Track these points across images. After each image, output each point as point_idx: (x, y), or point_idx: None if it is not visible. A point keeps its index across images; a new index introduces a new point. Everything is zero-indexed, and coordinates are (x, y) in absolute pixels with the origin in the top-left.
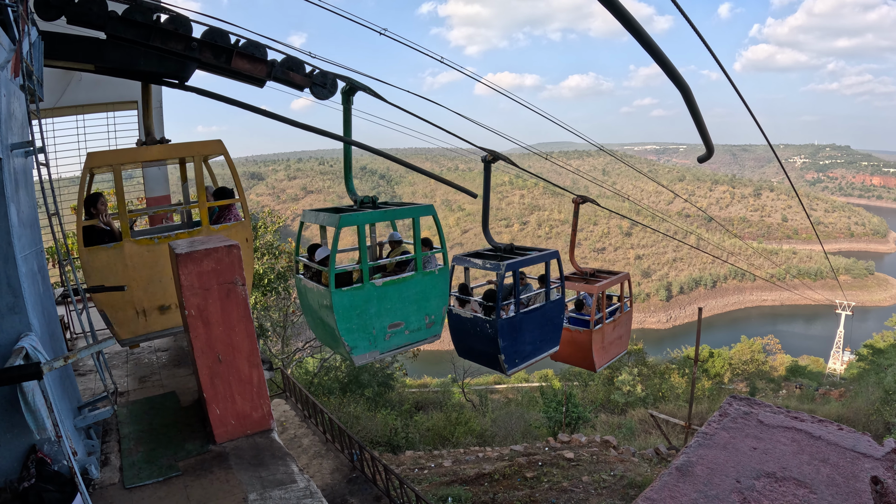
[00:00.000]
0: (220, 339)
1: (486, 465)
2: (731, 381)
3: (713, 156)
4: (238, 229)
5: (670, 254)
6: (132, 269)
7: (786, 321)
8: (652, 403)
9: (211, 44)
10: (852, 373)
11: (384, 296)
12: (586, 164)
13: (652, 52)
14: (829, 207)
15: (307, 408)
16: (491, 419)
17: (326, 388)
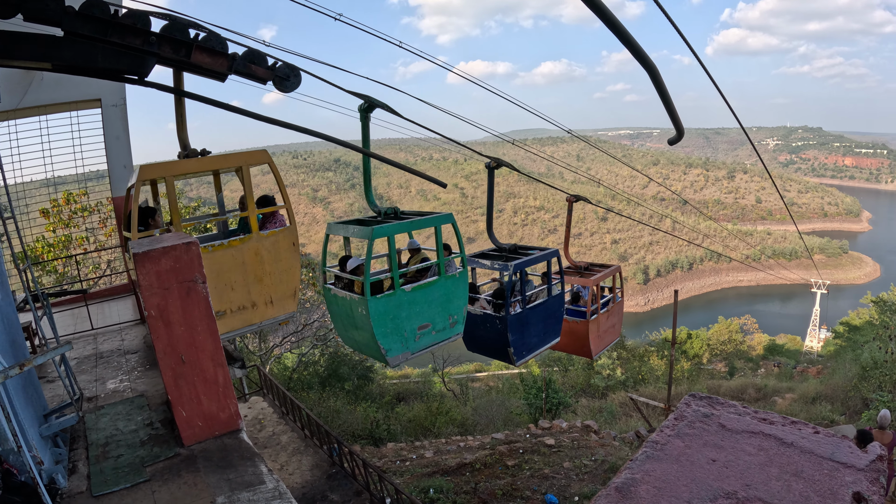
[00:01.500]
0: (182, 339)
1: (468, 454)
2: (709, 362)
3: (686, 139)
4: (286, 234)
5: (646, 237)
6: None
7: (762, 301)
8: (632, 386)
9: (170, 38)
10: (829, 350)
11: (413, 300)
12: (560, 151)
13: (618, 33)
14: (802, 188)
15: (285, 404)
16: (472, 408)
17: (306, 383)
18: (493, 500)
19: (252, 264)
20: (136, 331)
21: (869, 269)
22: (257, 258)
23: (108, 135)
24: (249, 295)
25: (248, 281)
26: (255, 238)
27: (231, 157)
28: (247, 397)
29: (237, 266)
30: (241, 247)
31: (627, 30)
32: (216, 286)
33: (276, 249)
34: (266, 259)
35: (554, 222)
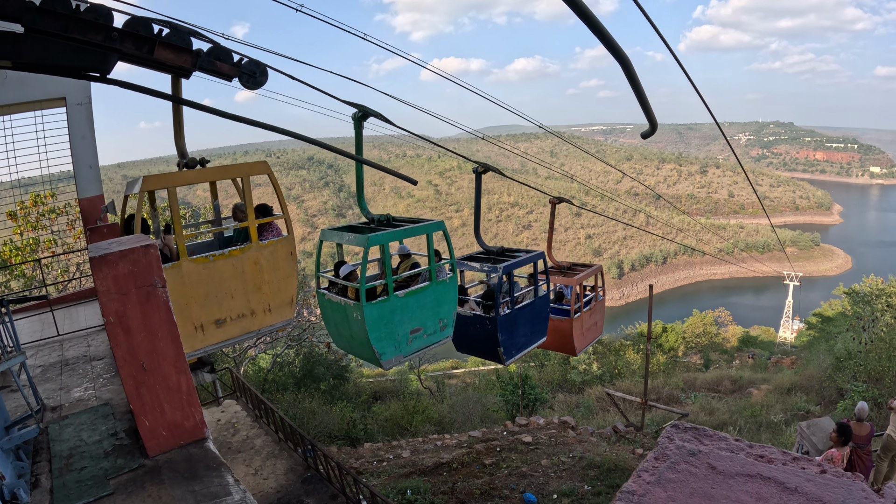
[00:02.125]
0: (142, 346)
1: (445, 453)
2: (685, 355)
3: (659, 134)
4: (284, 244)
5: (620, 232)
6: (190, 286)
7: (736, 293)
8: (608, 381)
9: (133, 34)
10: (803, 341)
11: (406, 305)
12: (534, 147)
13: (592, 26)
14: (774, 182)
15: (258, 407)
16: (449, 405)
17: (281, 384)
18: (471, 499)
19: (251, 273)
20: (103, 336)
21: (840, 261)
22: (256, 267)
23: (74, 134)
24: (249, 303)
25: (248, 289)
26: (254, 248)
27: (232, 168)
28: (220, 401)
29: (237, 275)
30: (241, 256)
31: (601, 22)
32: (217, 294)
33: (275, 259)
34: (265, 268)
35: (528, 218)
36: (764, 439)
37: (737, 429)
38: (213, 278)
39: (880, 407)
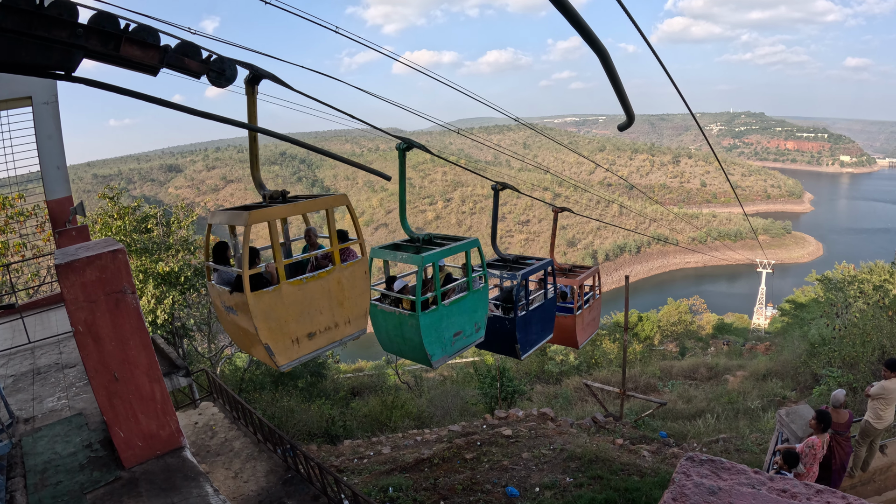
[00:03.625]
0: (113, 355)
1: (425, 449)
2: (661, 343)
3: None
4: (359, 265)
5: (594, 222)
6: (288, 305)
7: (710, 281)
8: (586, 371)
9: (98, 30)
10: (776, 327)
11: (450, 313)
12: (507, 139)
13: (569, 16)
14: (745, 172)
15: (236, 409)
16: (427, 399)
17: (258, 384)
18: (454, 495)
19: (335, 291)
20: (75, 342)
21: (812, 248)
22: (339, 286)
23: (41, 134)
24: (333, 317)
25: (333, 305)
26: (338, 269)
27: (320, 201)
28: (197, 403)
29: (324, 293)
30: (328, 277)
31: (580, 14)
32: (309, 311)
33: (353, 277)
34: (345, 286)
35: (501, 210)
36: (742, 426)
37: (714, 416)
38: (306, 297)
39: (856, 392)
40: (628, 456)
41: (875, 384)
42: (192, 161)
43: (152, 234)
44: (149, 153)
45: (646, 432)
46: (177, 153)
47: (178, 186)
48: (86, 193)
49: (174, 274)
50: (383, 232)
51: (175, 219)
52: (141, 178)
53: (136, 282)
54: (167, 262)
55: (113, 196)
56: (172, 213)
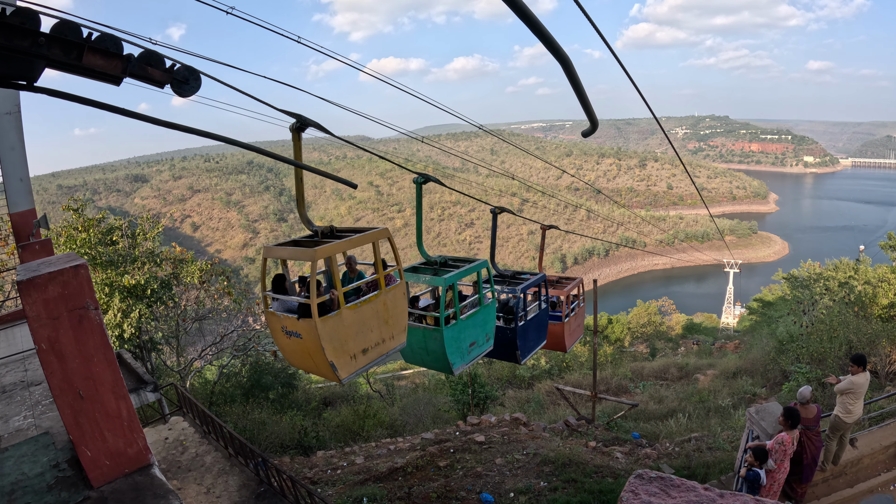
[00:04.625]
0: (78, 372)
1: (399, 457)
2: (631, 345)
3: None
4: (399, 287)
5: (563, 226)
6: (347, 327)
7: (678, 282)
8: (557, 374)
9: (61, 39)
10: (745, 325)
11: (467, 326)
12: (475, 145)
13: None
14: (711, 174)
15: (206, 423)
16: (399, 408)
17: (229, 396)
18: (428, 503)
19: (382, 311)
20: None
21: (778, 247)
22: (385, 307)
23: (3, 146)
24: (381, 333)
25: (380, 324)
26: (384, 293)
27: (367, 236)
28: (166, 418)
29: (374, 314)
30: (377, 300)
31: (541, 22)
32: (362, 330)
33: (395, 299)
34: (390, 307)
35: (470, 216)
36: (713, 424)
37: (686, 415)
38: (360, 319)
39: (825, 387)
40: (601, 458)
41: (842, 378)
42: (159, 171)
43: (118, 246)
44: (114, 163)
45: (618, 434)
46: (142, 163)
47: (145, 197)
48: (50, 205)
49: (140, 287)
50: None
51: (140, 230)
52: (106, 189)
53: (102, 295)
54: (133, 274)
55: (77, 208)
56: (138, 225)
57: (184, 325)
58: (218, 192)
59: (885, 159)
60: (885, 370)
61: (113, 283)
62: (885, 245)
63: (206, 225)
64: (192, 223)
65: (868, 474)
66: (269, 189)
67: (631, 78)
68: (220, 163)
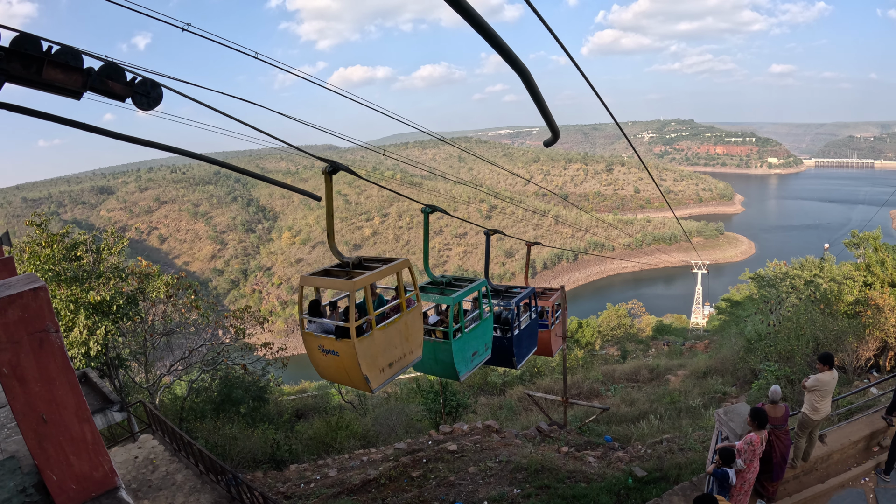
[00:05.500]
0: (40, 396)
1: (372, 469)
2: (602, 348)
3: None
4: (417, 308)
5: (531, 232)
6: (378, 345)
7: (647, 285)
8: (529, 380)
9: (20, 53)
10: (714, 325)
11: (470, 338)
12: (442, 152)
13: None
14: (677, 177)
15: (175, 440)
16: (372, 418)
17: (199, 412)
18: None
19: (404, 330)
20: None
21: (745, 247)
22: (406, 326)
23: None
24: (402, 349)
25: (402, 341)
26: (405, 314)
27: (394, 266)
28: (136, 437)
29: (398, 333)
30: (400, 321)
31: (500, 36)
32: (389, 347)
33: (414, 319)
34: (409, 325)
35: (439, 223)
36: (685, 424)
37: (658, 416)
38: (388, 337)
39: (793, 384)
40: (574, 463)
41: (811, 377)
42: (125, 182)
43: (82, 261)
44: (80, 174)
45: (591, 438)
46: (108, 174)
47: (111, 209)
48: (15, 218)
49: (106, 303)
50: (321, 250)
51: (105, 245)
52: (72, 201)
53: (67, 312)
54: (98, 290)
55: (41, 223)
56: (103, 240)
57: (151, 340)
58: (185, 204)
59: (848, 159)
60: (852, 366)
61: (78, 300)
62: (848, 243)
63: (173, 237)
64: (159, 235)
65: (839, 469)
66: (236, 200)
67: (592, 86)
68: (187, 173)
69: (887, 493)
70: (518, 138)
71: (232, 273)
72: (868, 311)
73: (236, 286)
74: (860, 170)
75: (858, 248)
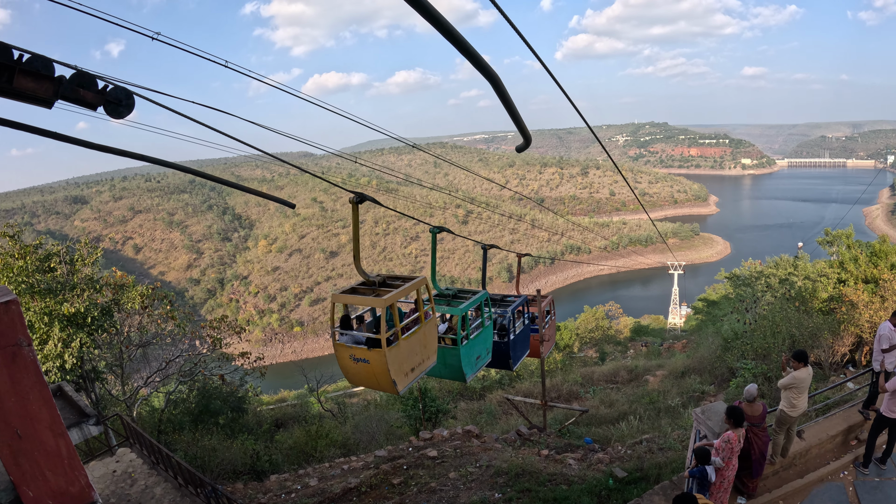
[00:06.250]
0: (14, 411)
1: (352, 477)
2: (580, 350)
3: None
4: (433, 320)
5: (508, 237)
6: (403, 353)
7: (624, 286)
8: (508, 384)
9: None
10: (691, 325)
11: (474, 343)
12: (418, 158)
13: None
14: (652, 179)
15: (154, 453)
16: (352, 426)
17: (177, 424)
18: None
19: (422, 338)
20: None
21: (720, 247)
22: (424, 336)
23: None
24: (421, 356)
25: (421, 348)
26: (423, 325)
27: (415, 284)
28: (113, 450)
29: (418, 341)
30: (420, 331)
31: (469, 42)
32: (412, 354)
33: (430, 328)
34: (426, 335)
35: (415, 230)
36: (664, 424)
37: (637, 417)
38: (410, 346)
39: (770, 381)
40: (554, 466)
41: (786, 375)
42: (99, 191)
43: (56, 273)
44: (53, 184)
45: (571, 440)
46: (82, 183)
47: (85, 219)
48: None
49: (81, 315)
50: (297, 258)
51: (79, 256)
52: (45, 212)
53: (41, 325)
54: (73, 302)
55: (14, 234)
56: (76, 251)
57: (127, 352)
58: (160, 213)
59: (820, 158)
60: (828, 361)
61: (52, 312)
62: (822, 241)
63: (148, 246)
64: (133, 245)
65: (817, 464)
66: (212, 208)
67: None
68: (162, 182)
69: (866, 486)
70: (493, 143)
71: (208, 282)
72: (842, 308)
73: (213, 296)
74: (832, 169)
75: (832, 245)
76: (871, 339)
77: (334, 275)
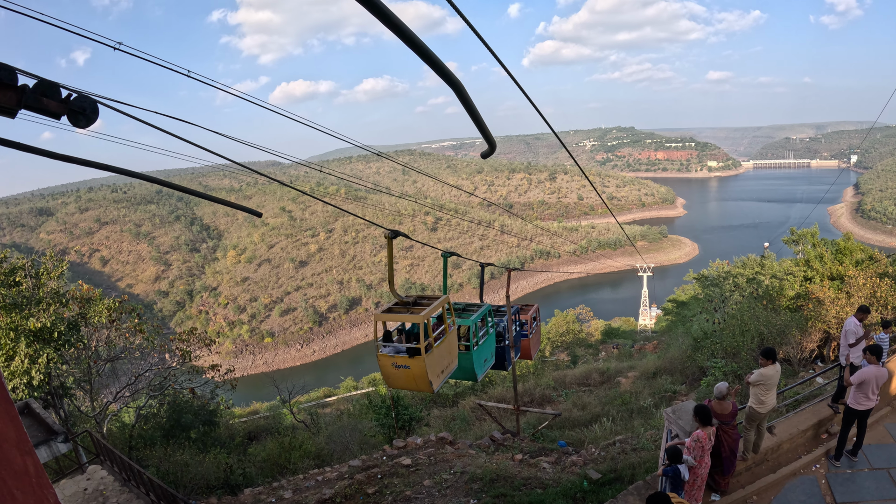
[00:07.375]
0: None
1: (327, 488)
2: (552, 354)
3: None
4: (454, 331)
5: (477, 243)
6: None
7: (594, 289)
8: (481, 390)
9: None
10: (662, 326)
11: (483, 347)
12: (386, 166)
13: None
14: (620, 183)
15: (125, 470)
16: (325, 436)
17: (148, 439)
18: None
19: (447, 346)
20: None
21: (688, 248)
22: (449, 343)
23: None
24: (448, 360)
25: (447, 354)
26: (448, 335)
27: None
28: (84, 467)
29: (446, 347)
30: (447, 340)
31: (431, 50)
32: (441, 359)
33: (453, 338)
34: (450, 342)
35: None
36: (637, 425)
37: (610, 419)
38: (441, 352)
39: (740, 379)
40: (529, 470)
41: (754, 372)
42: (64, 203)
43: (21, 287)
44: (17, 196)
45: (544, 444)
46: (47, 195)
47: (51, 231)
48: None
49: (47, 329)
50: (266, 268)
51: (45, 269)
52: (10, 224)
53: (7, 341)
54: (39, 317)
55: None
56: (42, 264)
57: (96, 367)
58: (127, 224)
59: (784, 160)
60: (797, 357)
61: (18, 328)
62: (788, 240)
63: (115, 259)
64: (100, 257)
65: (789, 458)
66: (179, 219)
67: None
68: (128, 192)
69: (838, 478)
70: (462, 149)
71: (177, 294)
72: (809, 305)
73: (182, 308)
74: (797, 170)
75: (797, 244)
76: (838, 335)
77: (304, 284)
